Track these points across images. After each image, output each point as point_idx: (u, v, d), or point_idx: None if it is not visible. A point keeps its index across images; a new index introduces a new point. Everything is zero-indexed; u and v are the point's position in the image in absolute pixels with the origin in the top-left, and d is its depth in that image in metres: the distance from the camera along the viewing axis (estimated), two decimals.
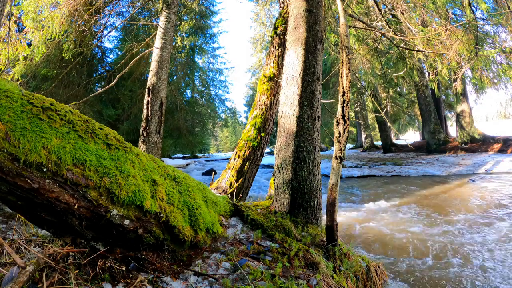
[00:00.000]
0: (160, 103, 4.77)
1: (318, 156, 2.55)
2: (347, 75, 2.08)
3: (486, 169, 8.78)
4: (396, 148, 17.25)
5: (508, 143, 11.98)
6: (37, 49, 5.20)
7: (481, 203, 5.05)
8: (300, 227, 2.32)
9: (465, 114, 13.72)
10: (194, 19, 16.22)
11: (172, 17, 5.16)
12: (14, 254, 1.17)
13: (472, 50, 5.39)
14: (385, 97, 16.71)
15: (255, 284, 1.43)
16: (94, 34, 7.28)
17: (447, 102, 17.08)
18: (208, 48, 20.61)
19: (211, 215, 1.90)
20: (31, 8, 4.74)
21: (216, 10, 18.98)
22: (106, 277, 1.30)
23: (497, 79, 8.08)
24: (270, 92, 3.92)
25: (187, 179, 1.90)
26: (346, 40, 2.19)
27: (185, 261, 1.60)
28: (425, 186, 7.05)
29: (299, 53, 2.59)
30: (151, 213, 1.47)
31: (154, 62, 4.94)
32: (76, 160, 1.24)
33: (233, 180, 3.65)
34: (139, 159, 1.57)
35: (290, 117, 2.53)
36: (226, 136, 48.46)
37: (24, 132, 1.13)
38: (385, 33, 4.86)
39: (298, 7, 2.71)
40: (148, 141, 4.63)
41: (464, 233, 3.64)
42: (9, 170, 1.08)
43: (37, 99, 1.24)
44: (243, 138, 3.89)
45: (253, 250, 1.80)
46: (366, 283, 2.04)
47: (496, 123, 32.00)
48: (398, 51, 6.61)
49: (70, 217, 1.27)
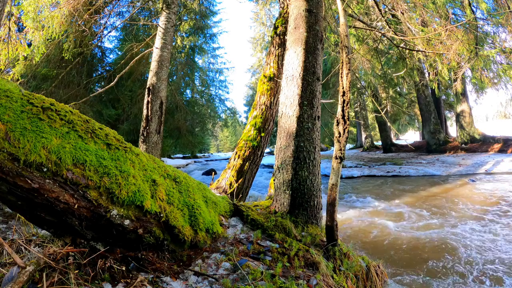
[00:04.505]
0: (160, 103, 4.77)
1: (318, 156, 2.55)
2: (347, 75, 2.08)
3: (486, 169, 8.77)
4: (396, 148, 17.24)
5: (508, 143, 11.98)
6: (37, 49, 5.20)
7: (481, 203, 5.05)
8: (300, 227, 2.31)
9: (465, 114, 13.72)
10: (194, 19, 16.23)
11: (172, 17, 5.15)
12: (14, 254, 1.17)
13: (472, 50, 5.39)
14: (385, 97, 16.70)
15: (255, 284, 1.43)
16: (94, 34, 7.28)
17: (447, 102, 17.06)
18: (208, 48, 20.63)
19: (211, 215, 1.90)
20: (31, 8, 4.74)
21: (216, 10, 19.01)
22: (106, 277, 1.30)
23: (497, 79, 8.08)
24: (270, 92, 3.92)
25: (187, 179, 1.90)
26: (346, 40, 2.19)
27: (185, 261, 1.60)
28: (425, 186, 7.05)
29: (299, 53, 2.59)
30: (151, 213, 1.47)
31: (154, 62, 4.93)
32: (76, 160, 1.24)
33: (233, 180, 3.65)
34: (139, 159, 1.57)
35: (290, 117, 2.53)
36: (226, 136, 48.44)
37: (24, 132, 1.13)
38: (385, 33, 4.86)
39: (298, 7, 2.71)
40: (148, 141, 4.63)
41: (464, 232, 3.64)
42: (9, 170, 1.08)
43: (37, 99, 1.24)
44: (243, 138, 3.89)
45: (253, 250, 1.80)
46: (366, 283, 2.04)
47: (496, 123, 31.98)
48: (398, 51, 6.62)
49: (70, 217, 1.27)
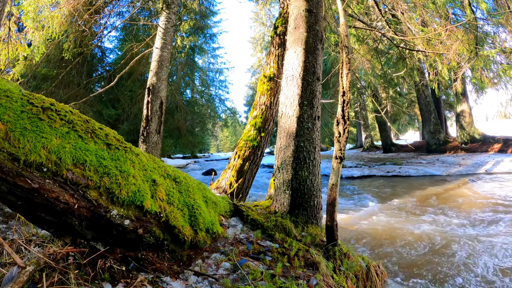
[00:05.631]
0: (160, 103, 4.77)
1: (318, 156, 2.55)
2: (347, 75, 2.08)
3: (486, 169, 8.77)
4: (396, 148, 17.23)
5: (508, 143, 11.97)
6: (37, 49, 5.20)
7: (481, 203, 5.05)
8: (300, 227, 2.31)
9: (465, 114, 13.72)
10: (194, 19, 16.23)
11: (172, 17, 5.15)
12: (14, 254, 1.17)
13: (472, 50, 5.39)
14: (385, 97, 16.69)
15: (255, 284, 1.43)
16: (94, 34, 7.28)
17: (447, 102, 17.06)
18: (208, 48, 20.63)
19: (211, 215, 1.90)
20: (31, 8, 4.74)
21: (216, 10, 19.01)
22: (106, 277, 1.30)
23: (497, 79, 8.08)
24: (270, 92, 3.92)
25: (187, 179, 1.90)
26: (346, 40, 2.19)
27: (185, 261, 1.60)
28: (425, 186, 7.05)
29: (299, 53, 2.59)
30: (151, 213, 1.47)
31: (154, 62, 4.93)
32: (76, 160, 1.24)
33: (233, 180, 3.65)
34: (139, 159, 1.57)
35: (290, 117, 2.53)
36: (226, 136, 48.42)
37: (24, 132, 1.13)
38: (385, 33, 4.86)
39: (298, 7, 2.71)
40: (148, 141, 4.63)
41: (465, 232, 3.64)
42: (9, 170, 1.08)
43: (37, 99, 1.24)
44: (243, 138, 3.89)
45: (253, 250, 1.80)
46: (366, 283, 2.04)
47: (496, 123, 31.97)
48: (398, 51, 6.62)
49: (70, 217, 1.27)
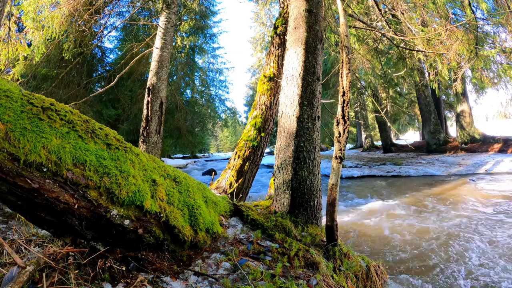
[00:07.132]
0: (160, 103, 4.77)
1: (318, 156, 2.55)
2: (347, 75, 2.08)
3: (486, 169, 8.77)
4: (396, 148, 17.23)
5: (508, 143, 11.97)
6: (37, 49, 5.20)
7: (481, 203, 5.05)
8: (300, 227, 2.31)
9: (465, 114, 13.72)
10: (194, 19, 16.23)
11: (172, 17, 5.15)
12: (14, 254, 1.17)
13: (472, 50, 5.39)
14: (385, 97, 16.69)
15: (255, 284, 1.43)
16: (94, 34, 7.28)
17: (447, 102, 17.04)
18: (208, 48, 20.62)
19: (211, 215, 1.90)
20: (31, 8, 4.74)
21: (216, 10, 18.99)
22: (106, 277, 1.30)
23: (497, 79, 8.08)
24: (270, 92, 3.92)
25: (187, 179, 1.90)
26: (346, 40, 2.19)
27: (185, 261, 1.60)
28: (425, 186, 7.05)
29: (299, 53, 2.59)
30: (151, 213, 1.47)
31: (154, 62, 4.93)
32: (76, 160, 1.24)
33: (233, 180, 3.65)
34: (139, 159, 1.57)
35: (290, 117, 2.53)
36: (226, 136, 48.41)
37: (24, 132, 1.13)
38: (385, 33, 4.86)
39: (298, 7, 2.71)
40: (148, 141, 4.63)
41: (465, 232, 3.64)
42: (9, 170, 1.08)
43: (37, 99, 1.24)
44: (243, 138, 3.89)
45: (253, 250, 1.80)
46: (366, 283, 2.04)
47: (496, 123, 31.97)
48: (398, 51, 6.62)
49: (70, 217, 1.27)
